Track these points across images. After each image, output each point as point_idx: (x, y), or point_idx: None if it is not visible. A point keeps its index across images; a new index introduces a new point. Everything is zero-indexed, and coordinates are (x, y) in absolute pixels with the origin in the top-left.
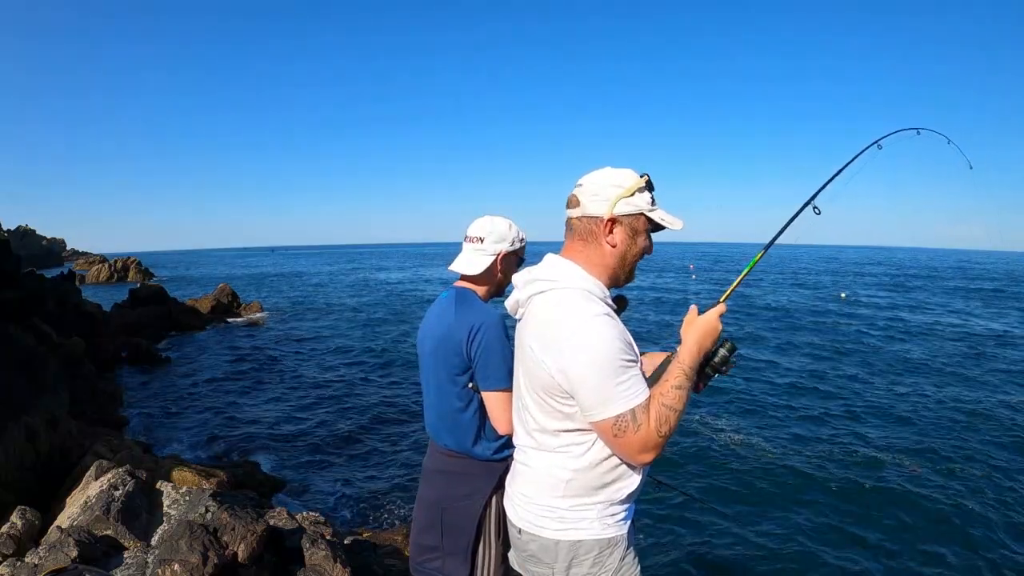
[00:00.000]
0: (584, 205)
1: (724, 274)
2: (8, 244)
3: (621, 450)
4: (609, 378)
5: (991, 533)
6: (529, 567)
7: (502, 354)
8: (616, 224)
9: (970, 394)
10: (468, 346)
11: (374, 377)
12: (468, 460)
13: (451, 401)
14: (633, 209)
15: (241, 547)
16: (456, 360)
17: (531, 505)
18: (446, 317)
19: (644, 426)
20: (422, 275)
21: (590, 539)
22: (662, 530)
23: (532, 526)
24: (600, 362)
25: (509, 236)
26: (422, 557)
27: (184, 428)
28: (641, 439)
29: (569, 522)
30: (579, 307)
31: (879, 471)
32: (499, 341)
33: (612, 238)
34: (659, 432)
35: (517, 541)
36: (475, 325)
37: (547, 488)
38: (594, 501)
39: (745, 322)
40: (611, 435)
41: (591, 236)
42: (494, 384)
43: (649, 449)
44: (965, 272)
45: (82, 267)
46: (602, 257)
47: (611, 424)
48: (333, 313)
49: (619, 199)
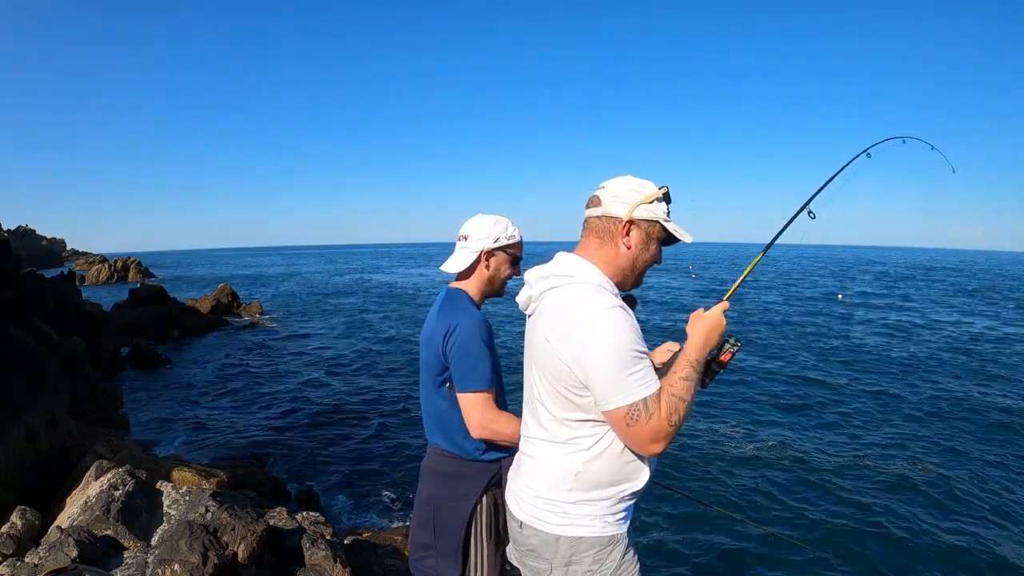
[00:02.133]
0: (605, 205)
1: (722, 273)
2: (8, 244)
3: (633, 439)
4: (622, 368)
5: (994, 531)
6: (528, 562)
7: (477, 356)
8: (633, 226)
9: (961, 388)
10: (444, 347)
11: (374, 377)
12: (461, 460)
13: (437, 401)
14: (650, 216)
15: (241, 547)
16: (435, 361)
17: (536, 499)
18: (431, 318)
19: (656, 415)
20: (424, 275)
21: (591, 536)
22: (661, 530)
23: (535, 520)
24: (614, 352)
25: (493, 233)
26: (418, 555)
27: (184, 428)
28: (653, 428)
29: (572, 517)
30: (593, 299)
31: (878, 470)
32: (474, 343)
33: (628, 240)
34: (670, 422)
35: (518, 535)
36: (451, 326)
37: (554, 481)
38: (600, 497)
39: (741, 319)
40: (623, 424)
41: (608, 235)
42: (466, 386)
43: (660, 439)
44: (946, 270)
45: (82, 267)
46: (616, 257)
47: (624, 413)
48: (333, 313)
49: (639, 204)
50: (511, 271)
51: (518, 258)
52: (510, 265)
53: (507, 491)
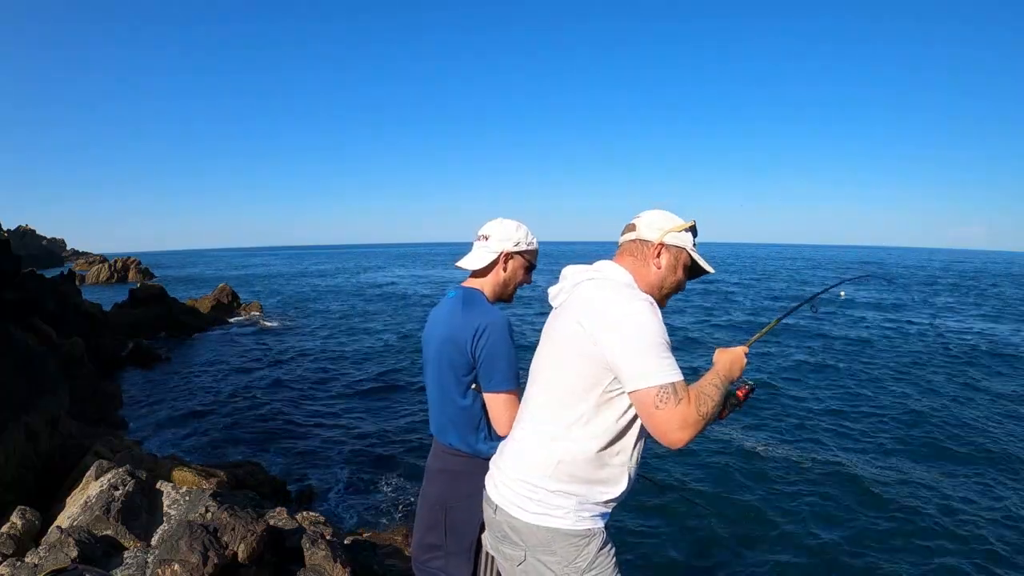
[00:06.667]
0: (639, 230)
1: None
2: (8, 244)
3: (661, 424)
4: (655, 350)
5: (994, 530)
6: (502, 548)
7: (507, 356)
8: (664, 250)
9: (957, 390)
10: (473, 346)
11: (375, 377)
12: (473, 459)
13: (456, 400)
14: (679, 243)
15: (241, 547)
16: (461, 360)
17: (513, 482)
18: (453, 317)
19: (685, 400)
20: (426, 275)
21: (565, 529)
22: (659, 530)
23: (510, 505)
24: (647, 335)
25: (515, 237)
26: (425, 556)
27: (184, 428)
28: (682, 413)
29: (547, 507)
30: (630, 292)
31: (876, 469)
32: (504, 343)
33: (658, 261)
34: (699, 410)
35: (491, 520)
36: (481, 326)
37: (536, 465)
38: (577, 492)
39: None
40: (652, 406)
41: (641, 255)
42: (497, 386)
43: (688, 425)
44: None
45: (82, 267)
46: (647, 275)
47: (655, 393)
48: (334, 313)
49: (670, 231)
50: (525, 278)
51: (533, 266)
52: (525, 272)
53: (487, 474)
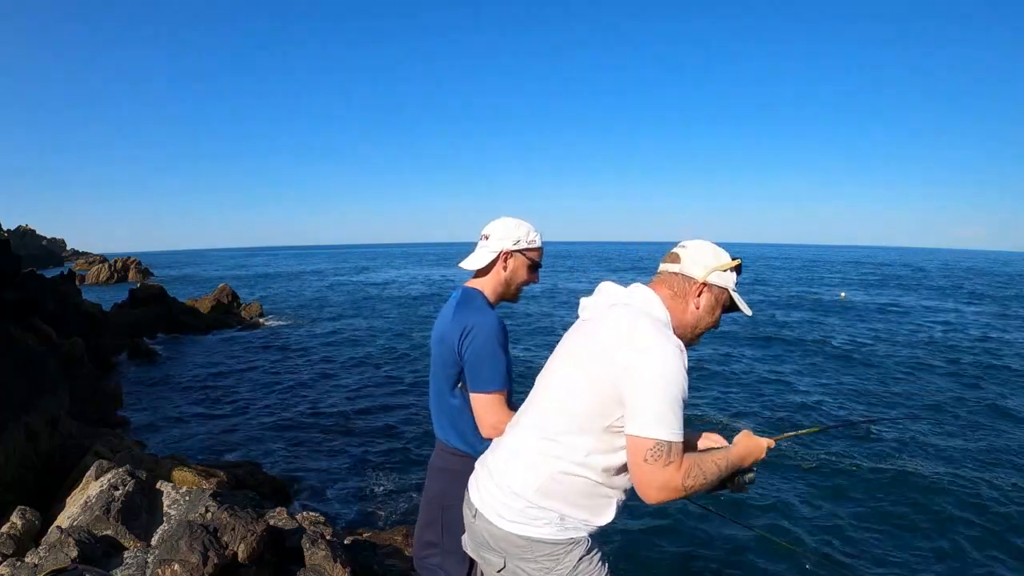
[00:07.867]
0: (684, 264)
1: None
2: (8, 244)
3: (643, 477)
4: (668, 403)
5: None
6: (482, 553)
7: (492, 357)
8: (706, 289)
9: (959, 388)
10: (460, 346)
11: (375, 376)
12: (471, 459)
13: (449, 400)
14: (722, 283)
15: (241, 547)
16: (451, 359)
17: (499, 490)
18: (446, 317)
19: (675, 466)
20: (425, 275)
21: (547, 539)
22: (660, 530)
23: (491, 511)
24: (669, 385)
25: (515, 235)
26: (423, 553)
27: (184, 428)
28: (666, 477)
29: (528, 517)
30: (666, 334)
31: (875, 469)
32: (490, 344)
33: (699, 300)
34: (684, 482)
35: (471, 525)
36: (468, 326)
37: (526, 477)
38: (558, 510)
39: (740, 317)
40: (641, 457)
41: (681, 292)
42: (480, 386)
43: (667, 490)
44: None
45: (82, 267)
46: (683, 313)
47: (650, 446)
48: (334, 313)
49: (715, 270)
50: (529, 277)
51: (537, 264)
52: (528, 270)
53: (471, 475)
